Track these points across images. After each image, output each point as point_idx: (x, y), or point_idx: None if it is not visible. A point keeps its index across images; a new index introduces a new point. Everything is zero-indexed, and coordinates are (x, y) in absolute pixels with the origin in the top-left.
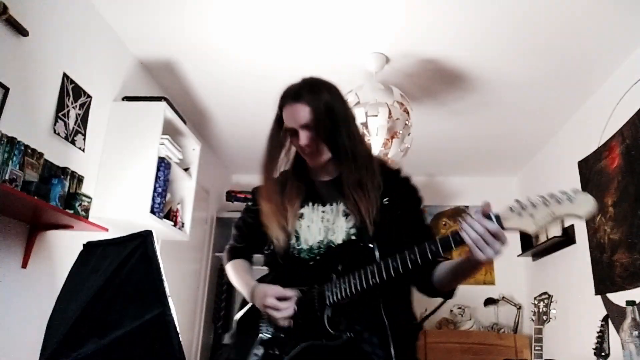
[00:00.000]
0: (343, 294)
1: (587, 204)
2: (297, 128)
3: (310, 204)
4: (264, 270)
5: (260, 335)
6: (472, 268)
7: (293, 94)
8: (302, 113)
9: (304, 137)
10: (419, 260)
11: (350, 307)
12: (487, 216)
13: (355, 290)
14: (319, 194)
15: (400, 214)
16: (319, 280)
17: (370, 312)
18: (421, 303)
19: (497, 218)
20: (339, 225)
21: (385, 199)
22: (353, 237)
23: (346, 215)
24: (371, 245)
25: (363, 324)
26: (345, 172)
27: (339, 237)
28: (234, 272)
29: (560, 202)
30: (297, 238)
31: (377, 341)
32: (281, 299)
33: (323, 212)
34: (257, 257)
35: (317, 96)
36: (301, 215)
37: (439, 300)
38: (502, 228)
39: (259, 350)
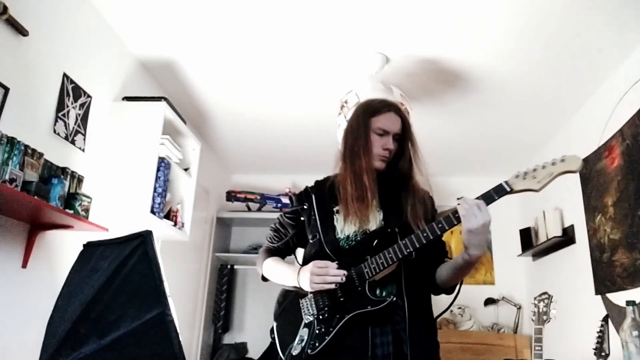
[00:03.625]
0: (380, 266)
1: (576, 160)
2: (392, 133)
3: None
4: None
5: (304, 320)
6: (468, 260)
7: (396, 108)
8: (398, 124)
9: (392, 143)
10: (446, 226)
11: (386, 279)
12: (495, 189)
13: (391, 261)
14: None
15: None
16: (354, 262)
17: (398, 287)
18: (442, 302)
19: (506, 183)
20: (372, 216)
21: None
22: (382, 224)
23: (378, 210)
24: (396, 230)
25: (397, 296)
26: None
27: (372, 226)
28: (272, 265)
29: (555, 164)
30: (334, 230)
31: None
32: (326, 267)
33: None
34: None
35: (408, 120)
36: (338, 211)
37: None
38: (512, 191)
39: (304, 332)
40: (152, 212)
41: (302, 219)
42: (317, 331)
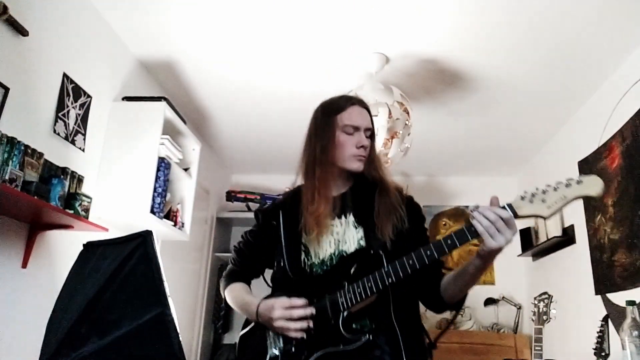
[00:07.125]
0: (358, 297)
1: (596, 183)
2: (362, 128)
3: None
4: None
5: (269, 353)
6: (483, 264)
7: (359, 101)
8: (368, 118)
9: (366, 139)
10: (436, 255)
11: (363, 311)
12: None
13: (370, 292)
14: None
15: (407, 229)
16: (329, 290)
17: (382, 317)
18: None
19: (510, 207)
20: (350, 235)
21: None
22: (363, 245)
23: (356, 227)
24: (380, 252)
25: (377, 330)
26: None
27: (351, 247)
28: (233, 294)
29: (570, 186)
30: (307, 252)
31: (388, 349)
32: (290, 308)
33: (332, 225)
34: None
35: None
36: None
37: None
38: (517, 216)
39: None
40: (152, 212)
41: (269, 238)
42: None
